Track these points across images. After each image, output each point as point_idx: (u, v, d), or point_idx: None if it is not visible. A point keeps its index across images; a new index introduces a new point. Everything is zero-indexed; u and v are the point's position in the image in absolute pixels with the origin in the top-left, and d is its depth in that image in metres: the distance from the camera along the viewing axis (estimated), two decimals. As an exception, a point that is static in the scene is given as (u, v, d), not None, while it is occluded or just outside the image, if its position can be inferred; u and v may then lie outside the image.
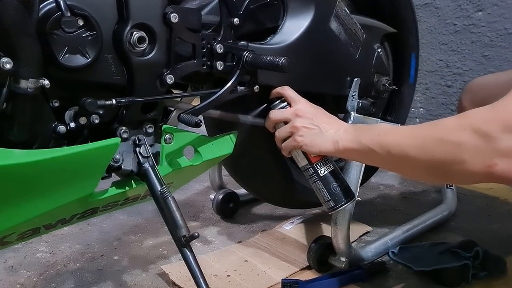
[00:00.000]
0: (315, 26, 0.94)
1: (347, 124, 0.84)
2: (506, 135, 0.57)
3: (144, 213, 1.35)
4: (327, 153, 0.82)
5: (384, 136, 0.71)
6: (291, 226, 1.25)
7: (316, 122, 0.83)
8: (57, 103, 0.70)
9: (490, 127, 0.58)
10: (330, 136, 0.81)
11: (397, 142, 0.68)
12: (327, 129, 0.82)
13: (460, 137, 0.60)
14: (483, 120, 0.59)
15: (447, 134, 0.62)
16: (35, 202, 0.67)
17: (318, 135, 0.81)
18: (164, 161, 0.83)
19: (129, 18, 0.71)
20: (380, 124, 0.79)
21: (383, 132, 0.72)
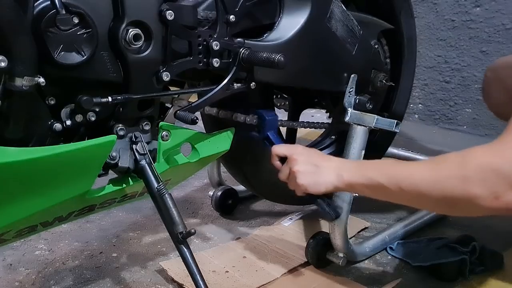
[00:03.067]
0: (311, 22, 0.93)
1: (344, 159, 0.85)
2: (508, 165, 0.60)
3: (142, 210, 1.35)
4: (332, 190, 0.82)
5: (393, 170, 0.72)
6: (289, 223, 1.25)
7: (313, 161, 0.83)
8: (53, 100, 0.71)
9: (494, 163, 0.61)
10: (332, 171, 0.80)
11: (408, 177, 0.69)
12: (326, 166, 0.82)
13: (467, 173, 0.63)
14: (487, 156, 0.63)
15: (453, 172, 0.65)
16: (31, 200, 0.67)
17: (319, 174, 0.81)
18: (161, 158, 0.83)
19: (125, 15, 0.71)
20: (382, 160, 0.80)
21: (391, 167, 0.73)
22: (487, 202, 0.62)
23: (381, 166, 0.75)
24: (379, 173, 0.73)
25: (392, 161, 0.75)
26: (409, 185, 0.69)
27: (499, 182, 0.61)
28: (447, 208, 0.69)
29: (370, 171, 0.75)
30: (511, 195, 0.60)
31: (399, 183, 0.70)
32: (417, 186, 0.68)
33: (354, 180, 0.77)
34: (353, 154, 1.01)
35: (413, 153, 1.56)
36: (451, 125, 1.85)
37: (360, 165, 0.79)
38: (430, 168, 0.68)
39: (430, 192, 0.67)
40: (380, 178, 0.72)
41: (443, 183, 0.65)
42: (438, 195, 0.66)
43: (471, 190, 0.62)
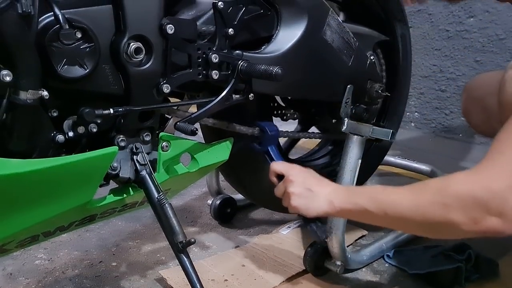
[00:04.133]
0: (308, 35, 0.95)
1: (336, 185, 0.88)
2: (491, 201, 0.63)
3: (142, 219, 1.36)
4: (323, 214, 0.85)
5: (379, 197, 0.75)
6: (288, 231, 1.26)
7: (308, 185, 0.85)
8: (56, 113, 0.72)
9: (472, 190, 0.64)
10: (324, 197, 0.83)
11: (392, 203, 0.73)
12: (319, 192, 0.84)
13: (447, 200, 0.66)
14: (465, 183, 0.66)
15: (434, 199, 0.68)
16: (34, 210, 0.68)
17: (312, 199, 0.84)
18: (161, 168, 0.84)
19: (126, 30, 0.73)
20: (370, 186, 0.83)
21: (378, 194, 0.76)
22: (467, 227, 0.65)
23: (369, 193, 0.78)
24: (367, 199, 0.76)
25: (380, 188, 0.78)
26: (393, 211, 0.72)
27: (477, 209, 0.64)
28: (430, 232, 0.73)
29: (359, 198, 0.78)
30: (490, 221, 0.63)
31: (384, 209, 0.73)
32: (401, 212, 0.71)
33: (344, 207, 0.80)
34: (349, 163, 1.03)
35: (409, 161, 1.57)
36: (447, 134, 1.87)
37: (350, 192, 0.82)
38: (412, 195, 0.71)
39: (413, 218, 0.70)
40: (367, 204, 0.76)
41: (425, 209, 0.68)
42: (421, 220, 0.69)
43: (451, 216, 0.65)
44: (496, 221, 0.63)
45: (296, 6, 0.94)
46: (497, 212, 0.63)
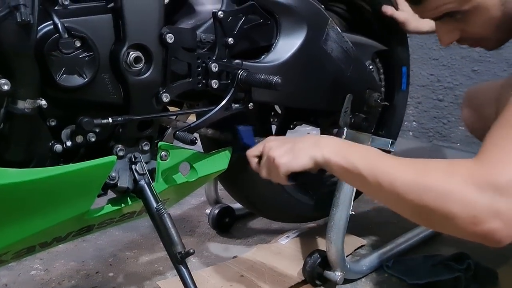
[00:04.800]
0: (307, 44, 0.95)
1: (324, 135, 0.80)
2: (496, 196, 0.57)
3: (139, 228, 1.35)
4: (313, 165, 0.75)
5: (376, 161, 0.68)
6: (286, 240, 1.25)
7: (288, 142, 0.79)
8: (54, 122, 0.72)
9: (481, 184, 0.58)
10: (311, 145, 0.75)
11: (389, 173, 0.65)
12: (303, 141, 0.77)
13: (450, 188, 0.59)
14: (475, 175, 0.59)
15: (438, 181, 0.61)
16: (31, 220, 0.67)
17: (297, 150, 0.76)
18: (160, 178, 0.84)
19: (126, 39, 0.73)
20: (368, 147, 0.75)
21: (375, 158, 0.69)
22: (464, 225, 0.58)
23: (365, 153, 0.70)
24: (362, 160, 0.68)
25: (378, 152, 0.69)
26: (387, 182, 0.64)
27: (482, 208, 0.57)
28: (420, 218, 0.65)
29: (352, 155, 0.70)
30: (492, 225, 0.57)
31: (377, 177, 0.65)
32: (396, 186, 0.63)
33: (334, 160, 0.71)
34: (349, 172, 1.03)
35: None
36: (444, 142, 1.87)
37: (342, 146, 0.74)
38: (414, 171, 0.63)
39: (408, 197, 0.62)
40: (361, 165, 0.67)
41: (423, 191, 0.61)
42: (416, 202, 0.62)
43: (450, 207, 0.58)
44: (498, 225, 0.56)
45: (296, 15, 0.94)
46: (502, 213, 0.56)
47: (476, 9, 0.80)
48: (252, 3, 0.88)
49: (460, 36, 0.86)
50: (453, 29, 0.85)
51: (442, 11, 0.82)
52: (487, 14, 0.80)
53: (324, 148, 0.73)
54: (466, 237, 0.60)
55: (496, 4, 0.79)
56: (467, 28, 0.84)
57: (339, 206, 1.02)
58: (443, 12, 0.82)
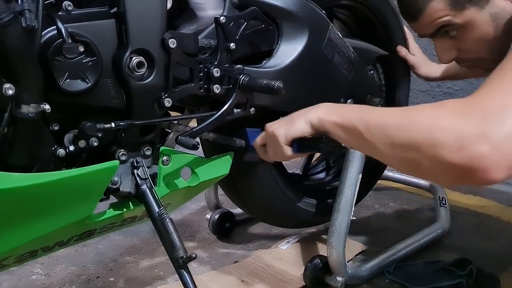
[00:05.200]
0: (309, 49, 0.96)
1: (321, 104, 0.81)
2: (484, 120, 0.56)
3: (140, 233, 1.34)
4: (310, 129, 0.77)
5: (366, 111, 0.70)
6: (287, 246, 1.25)
7: (286, 117, 0.82)
8: (57, 126, 0.72)
9: (469, 111, 0.58)
10: (306, 112, 0.78)
11: (378, 118, 0.66)
12: (299, 110, 0.80)
13: (437, 118, 0.59)
14: (463, 105, 0.60)
15: (425, 115, 0.61)
16: (33, 225, 0.67)
17: (293, 118, 0.79)
18: (162, 183, 0.84)
19: (129, 44, 0.73)
20: (359, 105, 0.76)
21: (365, 109, 0.71)
22: (451, 154, 0.56)
23: (357, 108, 0.72)
24: (354, 114, 0.70)
25: (371, 106, 0.72)
26: (378, 127, 0.65)
27: (469, 132, 0.56)
28: (409, 163, 0.62)
29: (345, 112, 0.72)
30: (480, 148, 0.55)
31: (369, 125, 0.66)
32: (386, 128, 0.64)
33: (327, 118, 0.73)
34: (350, 178, 1.03)
35: (409, 176, 1.57)
36: (444, 148, 1.87)
37: (336, 106, 0.77)
38: (403, 113, 0.65)
39: (396, 136, 0.62)
40: (353, 118, 0.69)
41: (412, 126, 0.61)
42: (403, 139, 0.61)
43: (436, 137, 0.57)
44: (486, 149, 0.54)
45: (297, 21, 0.94)
46: (490, 137, 0.54)
47: (468, 24, 0.86)
48: (254, 9, 0.89)
49: (458, 55, 0.93)
50: (450, 48, 0.92)
51: (437, 24, 0.88)
52: (479, 31, 0.86)
53: (318, 110, 0.76)
54: (454, 177, 0.58)
55: (487, 20, 0.85)
56: (463, 46, 0.90)
57: (340, 211, 1.02)
58: (438, 25, 0.88)
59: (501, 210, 1.51)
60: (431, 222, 1.33)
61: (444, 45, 0.92)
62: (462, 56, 0.93)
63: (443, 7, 0.86)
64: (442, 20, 0.87)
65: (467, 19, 0.85)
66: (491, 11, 0.84)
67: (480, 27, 0.86)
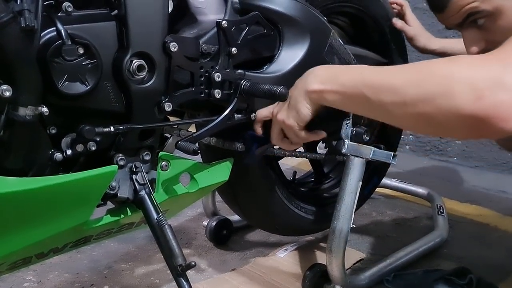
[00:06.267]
0: (310, 55, 0.95)
1: (315, 68, 0.80)
2: (503, 68, 0.54)
3: (135, 240, 1.32)
4: (313, 109, 0.78)
5: (367, 73, 0.67)
6: (285, 254, 1.24)
7: (290, 100, 0.82)
8: (54, 130, 0.70)
9: (487, 62, 0.56)
10: (302, 93, 0.78)
11: (384, 79, 0.64)
12: (296, 88, 0.80)
13: (453, 69, 0.57)
14: (480, 57, 0.58)
15: (439, 67, 0.59)
16: (28, 230, 0.65)
17: (295, 103, 0.79)
18: (160, 188, 0.82)
19: (129, 47, 0.72)
20: (358, 65, 0.75)
21: (365, 70, 0.68)
22: (468, 105, 0.54)
23: (356, 71, 0.69)
24: (355, 78, 0.67)
25: (369, 66, 0.69)
26: (386, 87, 0.62)
27: (487, 80, 0.54)
28: (424, 117, 0.60)
29: (345, 77, 0.70)
30: (498, 96, 0.53)
31: (375, 86, 0.64)
32: (396, 87, 0.61)
33: (327, 91, 0.72)
34: (350, 185, 1.02)
35: (406, 184, 1.57)
36: (441, 157, 1.87)
37: (330, 72, 0.74)
38: (414, 68, 0.62)
39: (408, 92, 0.59)
40: (355, 82, 0.67)
41: (426, 80, 0.58)
42: (418, 95, 0.59)
43: (453, 87, 0.55)
44: (505, 97, 0.52)
45: (299, 27, 0.94)
46: (509, 84, 0.52)
47: (497, 10, 0.82)
48: (256, 14, 0.88)
49: (486, 46, 0.88)
50: (478, 38, 0.88)
51: (465, 12, 0.85)
52: (508, 19, 0.82)
53: (314, 82, 0.75)
54: (471, 128, 0.55)
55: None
56: (491, 36, 0.86)
57: (340, 218, 1.01)
58: (466, 12, 0.85)
59: (498, 219, 1.51)
60: (429, 231, 1.33)
61: (473, 35, 0.88)
62: (490, 47, 0.86)
63: None
64: (470, 7, 0.84)
65: (495, 5, 0.82)
66: None
67: (509, 14, 0.82)
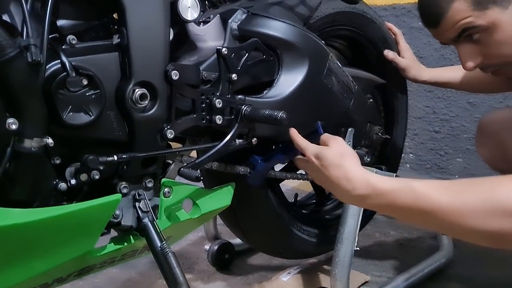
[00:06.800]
0: (309, 79, 0.96)
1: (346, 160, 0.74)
2: None
3: (137, 266, 1.31)
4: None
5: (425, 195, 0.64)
6: (288, 277, 1.23)
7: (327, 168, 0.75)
8: (59, 160, 0.71)
9: None
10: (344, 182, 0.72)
11: (447, 215, 0.62)
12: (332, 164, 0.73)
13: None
14: None
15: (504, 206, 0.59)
16: (33, 262, 0.65)
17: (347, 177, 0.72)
18: (163, 215, 0.82)
19: (132, 76, 0.73)
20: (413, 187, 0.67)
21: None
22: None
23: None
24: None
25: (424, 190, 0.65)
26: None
27: None
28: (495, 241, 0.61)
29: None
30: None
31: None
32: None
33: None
34: (353, 207, 1.02)
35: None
36: (443, 174, 1.87)
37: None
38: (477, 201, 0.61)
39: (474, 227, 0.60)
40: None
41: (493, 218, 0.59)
42: (485, 228, 0.60)
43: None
44: None
45: (297, 51, 0.95)
46: None
47: (492, 25, 0.82)
48: (255, 40, 0.89)
49: (482, 61, 0.88)
50: (474, 53, 0.87)
51: (460, 27, 0.84)
52: (503, 32, 0.82)
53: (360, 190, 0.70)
54: None
55: (511, 20, 0.81)
56: (487, 50, 0.86)
57: (344, 241, 1.01)
58: (461, 28, 0.84)
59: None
60: (434, 251, 1.32)
61: (468, 50, 0.88)
62: (486, 62, 0.89)
63: (465, 8, 0.82)
64: (465, 22, 0.83)
65: (490, 20, 0.82)
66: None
67: (505, 28, 0.82)
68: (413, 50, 1.31)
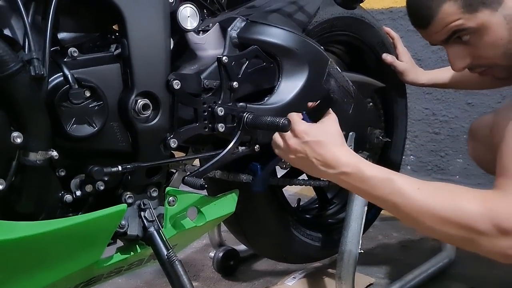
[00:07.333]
0: (309, 85, 0.97)
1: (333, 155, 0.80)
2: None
3: (142, 275, 1.31)
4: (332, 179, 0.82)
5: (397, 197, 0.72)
6: (293, 281, 1.23)
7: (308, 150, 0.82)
8: (63, 172, 0.71)
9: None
10: (339, 172, 0.79)
11: (413, 213, 0.71)
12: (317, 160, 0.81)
13: (481, 227, 0.67)
14: (506, 216, 0.67)
15: (468, 220, 0.68)
16: (40, 274, 0.66)
17: (326, 164, 0.80)
18: (168, 224, 0.83)
19: (134, 87, 0.74)
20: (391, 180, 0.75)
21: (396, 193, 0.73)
22: (495, 254, 0.70)
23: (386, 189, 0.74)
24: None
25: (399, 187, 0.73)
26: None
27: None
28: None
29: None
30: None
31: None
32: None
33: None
34: (355, 211, 1.02)
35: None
36: (443, 175, 1.88)
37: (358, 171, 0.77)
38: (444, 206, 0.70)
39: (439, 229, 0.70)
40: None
41: (453, 227, 0.69)
42: (447, 234, 0.71)
43: (479, 241, 0.69)
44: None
45: (297, 58, 0.96)
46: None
47: (482, 27, 0.82)
48: (255, 47, 0.90)
49: (471, 62, 0.88)
50: (463, 54, 0.88)
51: (449, 29, 0.85)
52: (493, 34, 0.83)
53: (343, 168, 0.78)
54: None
55: (501, 22, 0.82)
56: (476, 52, 0.86)
57: (348, 244, 1.01)
58: (451, 30, 0.85)
59: (504, 237, 1.50)
60: (436, 252, 1.32)
61: (457, 51, 0.88)
62: (475, 63, 0.89)
63: (455, 10, 0.82)
64: (455, 24, 0.83)
65: (480, 22, 0.82)
66: (505, 13, 0.81)
67: (494, 30, 0.82)
68: (411, 52, 1.32)
